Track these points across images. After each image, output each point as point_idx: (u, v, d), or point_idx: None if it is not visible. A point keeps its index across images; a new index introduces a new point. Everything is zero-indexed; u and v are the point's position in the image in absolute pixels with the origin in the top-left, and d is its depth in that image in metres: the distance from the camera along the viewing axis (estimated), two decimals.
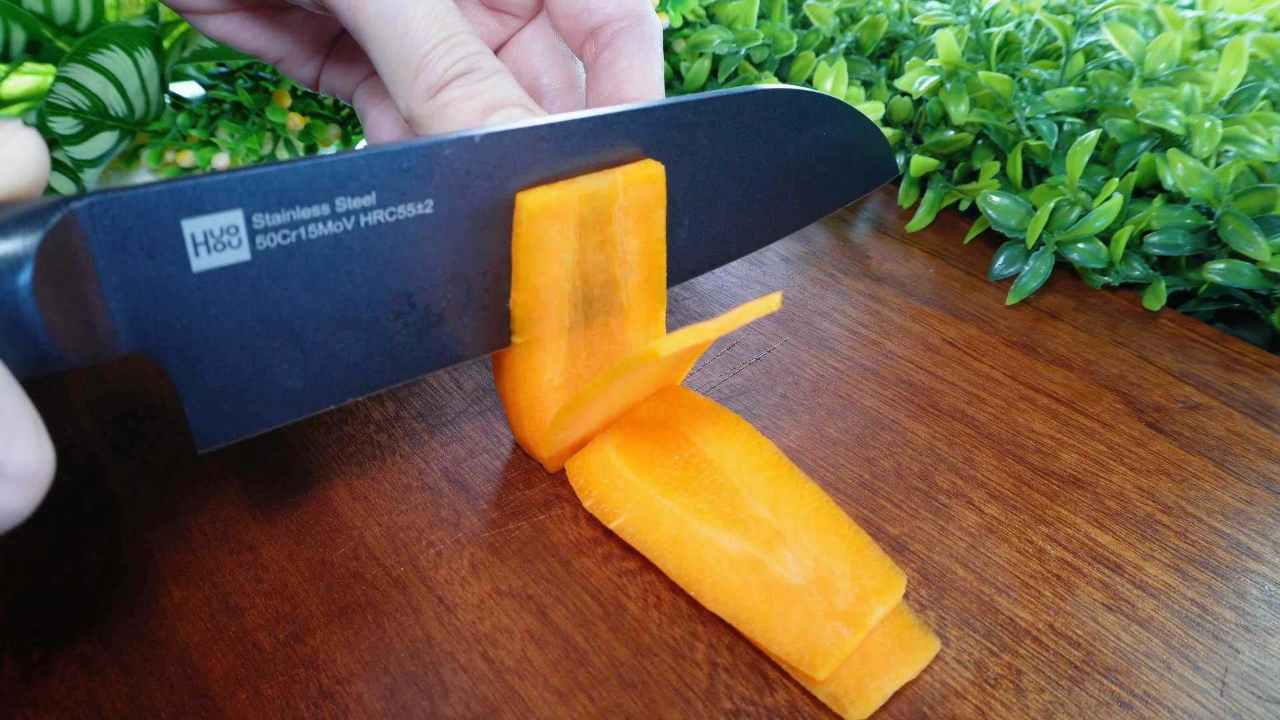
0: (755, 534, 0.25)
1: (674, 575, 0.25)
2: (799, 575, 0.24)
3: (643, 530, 0.26)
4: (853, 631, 0.23)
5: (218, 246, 0.19)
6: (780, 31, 0.52)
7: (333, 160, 0.20)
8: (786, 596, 0.24)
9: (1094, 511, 0.29)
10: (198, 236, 0.19)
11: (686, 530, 0.26)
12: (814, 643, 0.23)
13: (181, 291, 0.19)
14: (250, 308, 0.21)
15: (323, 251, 0.21)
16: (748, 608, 0.24)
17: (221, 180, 0.19)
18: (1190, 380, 0.35)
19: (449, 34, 0.23)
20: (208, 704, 0.22)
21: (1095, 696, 0.23)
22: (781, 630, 0.23)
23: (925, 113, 0.47)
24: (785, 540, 0.25)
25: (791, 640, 0.23)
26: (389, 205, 0.21)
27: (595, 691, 0.23)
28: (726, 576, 0.24)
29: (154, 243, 0.19)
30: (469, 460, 0.30)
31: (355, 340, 0.23)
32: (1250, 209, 0.36)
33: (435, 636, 0.24)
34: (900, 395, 0.33)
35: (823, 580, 0.24)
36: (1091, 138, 0.38)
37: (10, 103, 0.40)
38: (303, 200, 0.20)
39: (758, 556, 0.25)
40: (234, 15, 0.29)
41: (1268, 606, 0.26)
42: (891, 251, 0.43)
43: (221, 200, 0.19)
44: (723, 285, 0.39)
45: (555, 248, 0.25)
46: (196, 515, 0.28)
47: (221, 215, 0.19)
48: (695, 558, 0.25)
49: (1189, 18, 0.43)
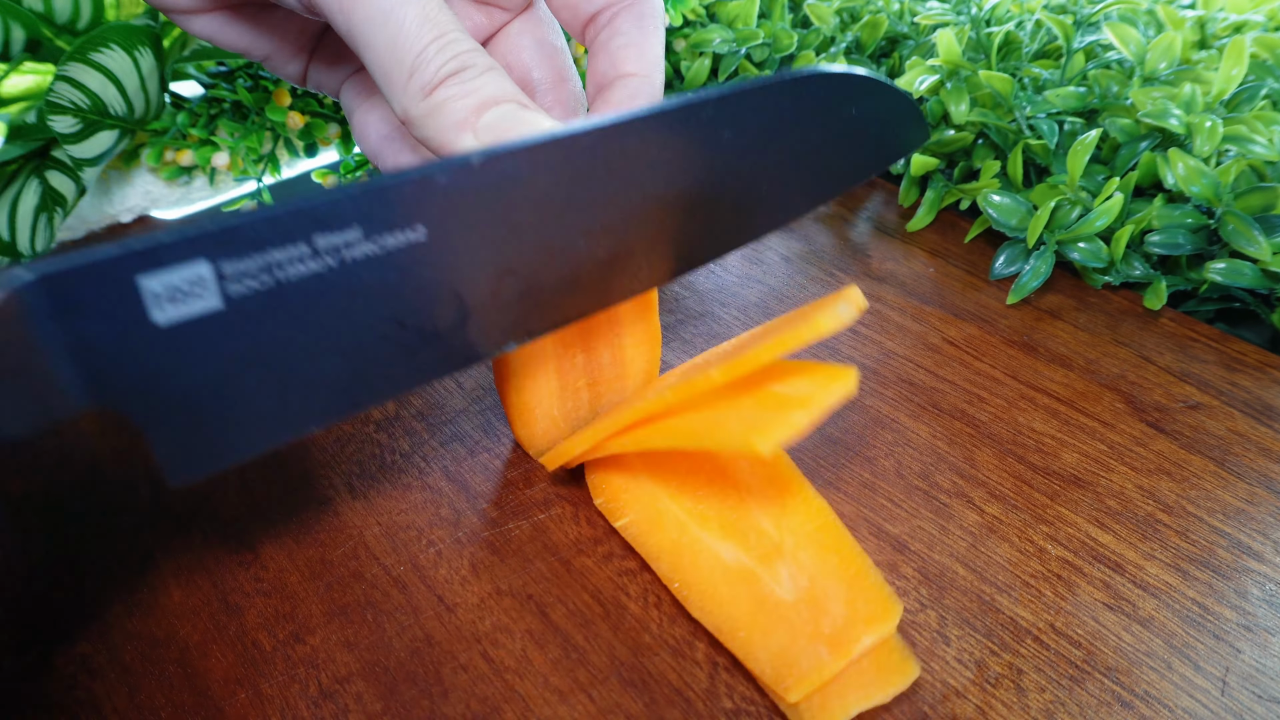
0: (754, 546, 0.25)
1: (667, 579, 0.25)
2: (790, 592, 0.24)
3: (645, 532, 0.26)
4: (834, 657, 0.22)
5: (182, 299, 0.18)
6: (780, 31, 0.52)
7: (312, 204, 0.19)
8: (774, 613, 0.23)
9: (1095, 511, 0.29)
10: (157, 291, 0.18)
11: (687, 536, 0.25)
12: (793, 663, 0.22)
13: (142, 346, 0.18)
14: (225, 353, 0.19)
15: (303, 290, 0.19)
16: (732, 619, 0.23)
17: (185, 237, 0.17)
18: (1191, 380, 0.35)
19: (441, 33, 0.23)
20: (207, 703, 0.22)
21: (1096, 696, 0.23)
22: (762, 646, 0.23)
23: (926, 112, 0.47)
24: (783, 555, 0.25)
25: (770, 658, 0.22)
26: (376, 238, 0.20)
27: (595, 691, 0.23)
28: (717, 585, 0.24)
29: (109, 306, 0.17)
30: (469, 460, 0.30)
31: (339, 366, 0.21)
32: (1251, 208, 0.36)
33: (435, 636, 0.24)
34: (900, 394, 0.33)
35: (814, 600, 0.23)
36: (1092, 137, 0.38)
37: (10, 102, 0.40)
38: (277, 243, 0.19)
39: (752, 569, 0.24)
40: (217, 15, 0.29)
41: (1269, 606, 0.26)
42: (892, 251, 0.43)
43: (184, 254, 0.18)
44: (723, 284, 0.39)
45: None
46: (196, 515, 0.28)
47: (184, 268, 0.18)
48: (691, 563, 0.25)
49: (1189, 17, 0.43)
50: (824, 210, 0.46)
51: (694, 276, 0.40)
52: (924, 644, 0.25)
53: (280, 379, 0.20)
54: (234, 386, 0.20)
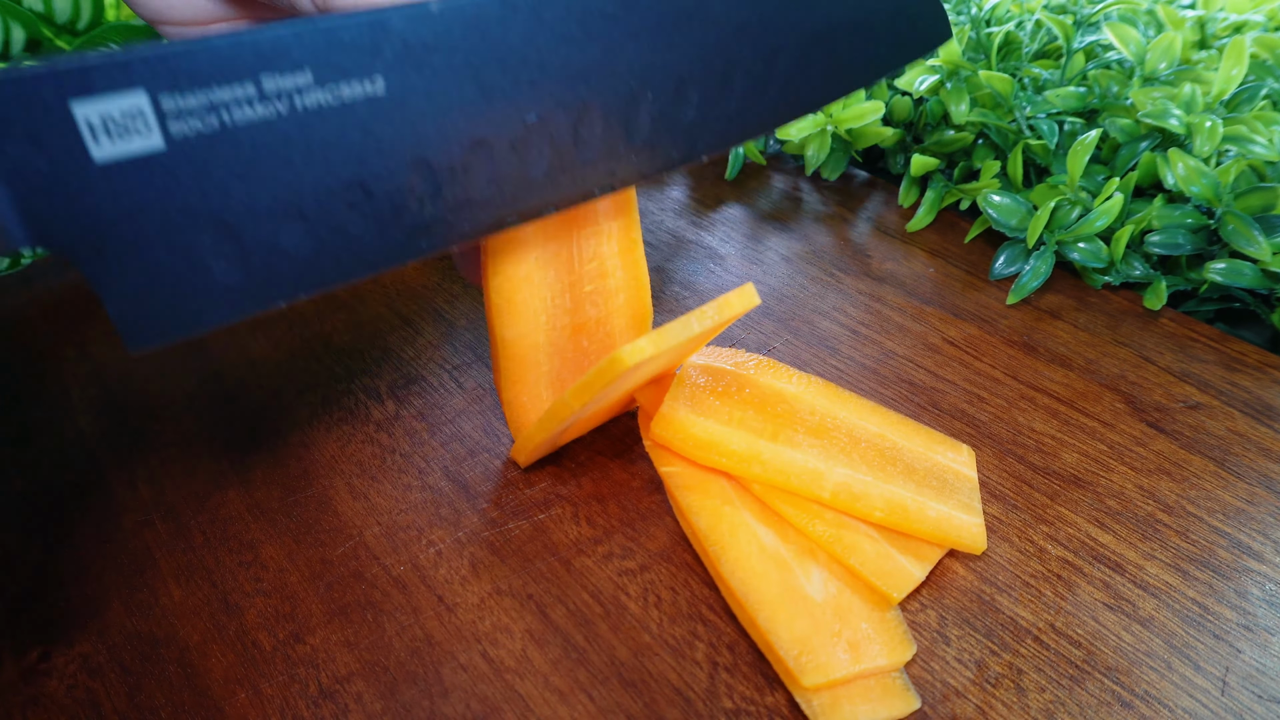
0: (793, 541, 0.26)
1: (703, 536, 0.25)
2: (819, 593, 0.24)
3: (689, 488, 0.27)
4: (852, 660, 0.23)
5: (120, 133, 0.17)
6: None
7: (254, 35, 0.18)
8: (800, 603, 0.24)
9: (1095, 511, 0.29)
10: (93, 121, 0.17)
11: (729, 507, 0.26)
12: (813, 651, 0.23)
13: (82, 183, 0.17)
14: (171, 200, 0.18)
15: (253, 138, 0.19)
16: (760, 590, 0.24)
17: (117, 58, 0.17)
18: (1191, 380, 0.35)
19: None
20: (207, 703, 0.22)
21: (1096, 696, 0.23)
22: (786, 626, 0.23)
23: (926, 112, 0.47)
24: (816, 559, 0.25)
25: (793, 640, 0.23)
26: (329, 84, 0.19)
27: (595, 691, 0.23)
28: (751, 558, 0.25)
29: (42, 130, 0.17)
30: (469, 460, 0.30)
31: (302, 233, 0.20)
32: (1251, 208, 0.36)
33: (435, 636, 0.24)
34: (900, 394, 0.33)
35: (839, 609, 0.24)
36: (1092, 137, 0.38)
37: None
38: (220, 79, 0.18)
39: (786, 559, 0.25)
40: (216, 26, 0.29)
41: (1269, 606, 0.26)
42: (892, 251, 0.43)
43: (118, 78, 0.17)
44: (723, 284, 0.39)
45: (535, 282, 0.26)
46: (196, 515, 0.28)
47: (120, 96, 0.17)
48: (729, 532, 0.25)
49: (1189, 17, 0.43)
50: (824, 210, 0.46)
51: (694, 276, 0.40)
52: (924, 644, 0.25)
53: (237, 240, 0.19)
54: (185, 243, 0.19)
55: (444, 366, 0.34)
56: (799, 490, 0.26)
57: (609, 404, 0.29)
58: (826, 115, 0.44)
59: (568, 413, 0.25)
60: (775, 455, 0.26)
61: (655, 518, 0.28)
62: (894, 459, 0.27)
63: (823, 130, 0.45)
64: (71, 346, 0.35)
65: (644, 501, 0.28)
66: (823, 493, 0.26)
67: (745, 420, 0.27)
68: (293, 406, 0.32)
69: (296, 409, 0.32)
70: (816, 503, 0.26)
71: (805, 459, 0.26)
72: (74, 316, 0.37)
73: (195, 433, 0.31)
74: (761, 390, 0.29)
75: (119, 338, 0.19)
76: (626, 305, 0.28)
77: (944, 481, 0.27)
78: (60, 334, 0.36)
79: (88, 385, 0.33)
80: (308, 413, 0.32)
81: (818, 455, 0.26)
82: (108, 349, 0.35)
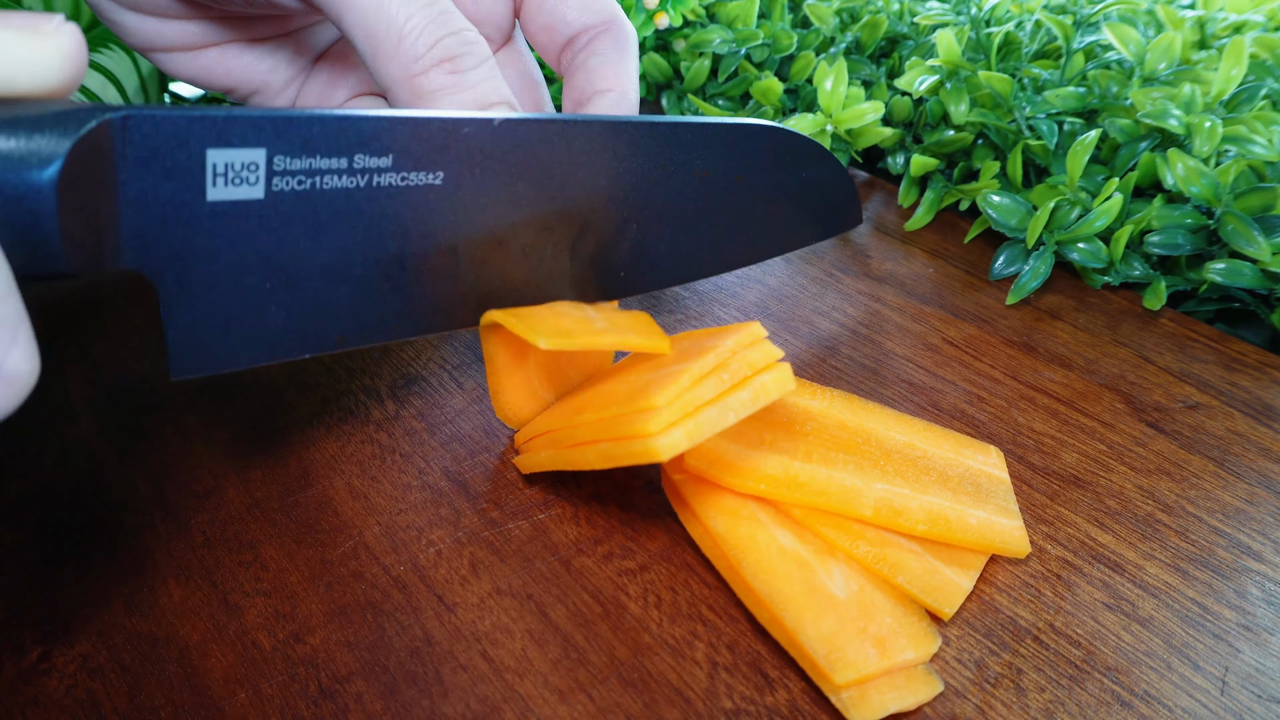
0: (810, 541, 0.25)
1: (721, 539, 0.25)
2: (842, 591, 0.24)
3: (702, 491, 0.26)
4: (880, 657, 0.23)
5: (235, 180, 0.20)
6: (780, 31, 0.52)
7: (358, 118, 0.21)
8: (825, 602, 0.24)
9: (1094, 511, 0.29)
10: (219, 167, 0.20)
11: (745, 509, 0.26)
12: (841, 649, 0.22)
13: (192, 217, 0.20)
14: (252, 245, 0.21)
15: (333, 203, 0.22)
16: (784, 591, 0.24)
17: (252, 117, 0.20)
18: (1190, 380, 0.35)
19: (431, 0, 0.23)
20: (207, 703, 0.22)
21: (1096, 696, 0.23)
22: (812, 625, 0.23)
23: (925, 112, 0.47)
24: (836, 558, 0.25)
25: (820, 638, 0.23)
26: (403, 170, 0.22)
27: (595, 691, 0.23)
28: (772, 559, 0.24)
29: (177, 166, 0.19)
30: (469, 460, 0.30)
31: (345, 293, 0.23)
32: (1250, 209, 0.36)
33: (435, 636, 0.24)
34: (900, 394, 0.33)
35: (864, 605, 0.24)
36: (1091, 137, 0.38)
37: None
38: (324, 151, 0.21)
39: (806, 559, 0.25)
40: (209, 50, 0.29)
41: (1268, 606, 0.26)
42: (891, 251, 0.43)
43: (249, 136, 0.20)
44: (723, 284, 0.39)
45: None
46: (196, 515, 0.28)
47: (246, 151, 0.20)
48: (747, 533, 0.25)
49: (1189, 17, 0.43)
50: None
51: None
52: None
53: (292, 290, 0.22)
54: (253, 284, 0.21)
55: (444, 366, 0.34)
56: (839, 509, 0.25)
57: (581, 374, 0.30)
58: (826, 115, 0.44)
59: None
60: (812, 476, 0.25)
61: (655, 518, 0.28)
62: (927, 468, 0.27)
63: (822, 130, 0.45)
64: (72, 346, 0.35)
65: (644, 501, 0.28)
66: (864, 510, 0.25)
67: (776, 442, 0.26)
68: (293, 406, 0.32)
69: (296, 409, 0.32)
70: (857, 521, 0.26)
71: (843, 477, 0.25)
72: (74, 317, 0.37)
73: (195, 433, 0.31)
74: (788, 410, 0.28)
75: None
76: None
77: (979, 486, 0.27)
78: (60, 334, 0.36)
79: (88, 385, 0.33)
80: (308, 412, 0.32)
81: (853, 472, 0.26)
82: (108, 349, 0.35)
